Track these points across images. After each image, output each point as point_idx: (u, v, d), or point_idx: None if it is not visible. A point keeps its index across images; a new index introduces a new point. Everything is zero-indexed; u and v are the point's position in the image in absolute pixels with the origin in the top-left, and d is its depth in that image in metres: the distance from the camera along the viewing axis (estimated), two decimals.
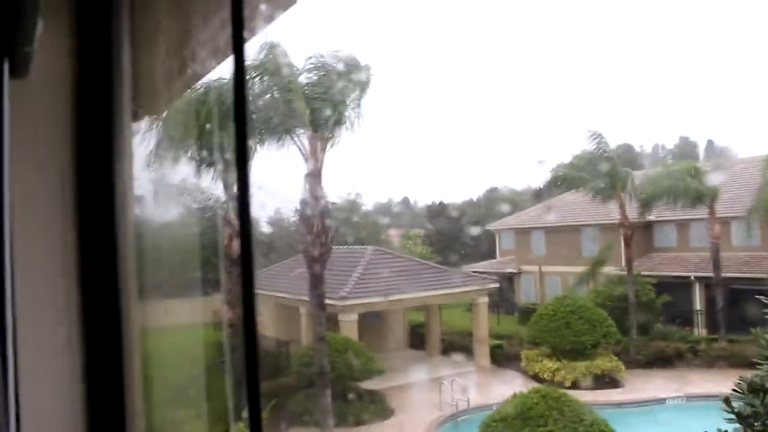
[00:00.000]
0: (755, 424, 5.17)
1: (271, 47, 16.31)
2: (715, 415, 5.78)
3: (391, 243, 56.70)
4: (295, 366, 22.92)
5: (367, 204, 66.86)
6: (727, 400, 5.53)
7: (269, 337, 30.41)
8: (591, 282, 31.98)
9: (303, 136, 16.49)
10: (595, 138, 29.43)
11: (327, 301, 18.43)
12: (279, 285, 31.29)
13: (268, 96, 16.97)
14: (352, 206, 54.55)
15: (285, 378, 24.14)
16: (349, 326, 25.33)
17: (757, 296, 5.80)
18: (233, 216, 19.55)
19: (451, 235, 58.28)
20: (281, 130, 16.53)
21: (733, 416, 5.40)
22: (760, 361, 5.58)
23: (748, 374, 5.77)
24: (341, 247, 33.74)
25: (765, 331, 5.65)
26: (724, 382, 5.75)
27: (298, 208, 16.29)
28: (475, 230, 53.17)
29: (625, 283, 30.33)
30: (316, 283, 15.97)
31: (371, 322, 31.23)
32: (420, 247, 54.95)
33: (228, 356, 21.45)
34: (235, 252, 19.69)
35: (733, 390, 5.60)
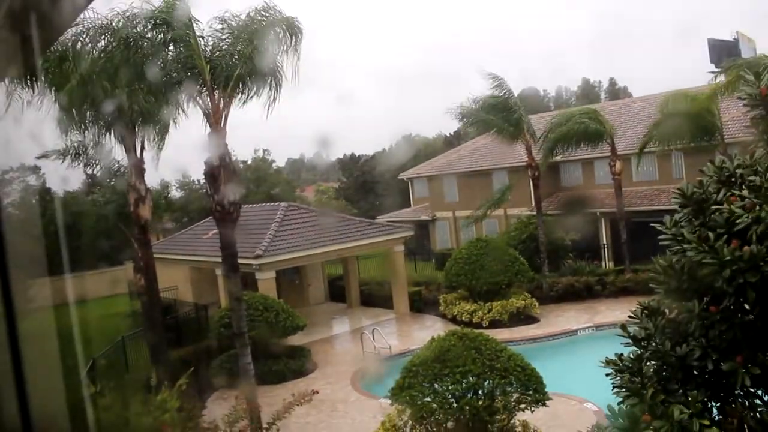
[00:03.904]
0: (649, 345, 5.46)
1: None
2: (621, 341, 6.04)
3: (306, 198, 56.43)
4: (214, 329, 22.71)
5: (279, 160, 66.07)
6: (623, 327, 5.77)
7: (188, 302, 29.97)
8: (483, 221, 32.73)
9: (204, 94, 15.96)
10: (497, 82, 29.80)
11: (242, 261, 18.19)
12: (193, 249, 30.76)
13: (167, 51, 16.33)
14: (263, 164, 53.79)
15: (206, 341, 23.93)
16: (267, 284, 25.18)
17: (652, 225, 6.01)
18: (137, 181, 18.93)
19: (365, 187, 58.36)
20: (180, 87, 15.97)
21: (629, 340, 5.66)
22: (655, 287, 5.82)
23: (647, 300, 6.02)
24: (255, 205, 33.35)
25: (663, 257, 5.88)
26: (630, 310, 6.03)
27: (205, 168, 15.87)
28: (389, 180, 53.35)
29: (535, 223, 31.20)
30: (228, 243, 15.68)
31: (290, 278, 31.17)
32: (334, 201, 54.88)
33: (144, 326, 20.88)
34: (143, 218, 19.15)
35: (629, 317, 5.85)
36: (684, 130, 27.61)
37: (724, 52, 34.25)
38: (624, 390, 5.41)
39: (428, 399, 13.12)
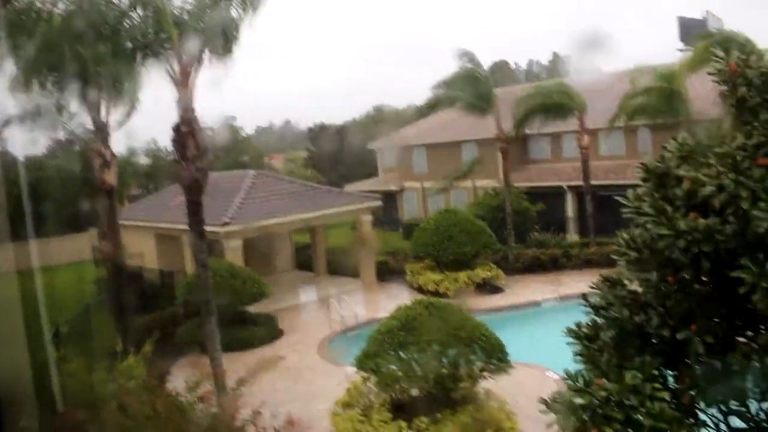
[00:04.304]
0: (608, 314, 5.62)
1: None
2: (584, 311, 6.20)
3: (273, 166, 56.11)
4: (181, 296, 22.64)
5: (247, 128, 65.45)
6: (584, 296, 5.93)
7: (153, 269, 29.78)
8: (451, 192, 32.97)
9: (172, 58, 15.70)
10: (463, 56, 29.81)
11: (209, 228, 18.10)
12: (159, 215, 30.51)
13: (134, 14, 16.03)
14: (232, 131, 53.28)
15: (172, 308, 23.84)
16: (233, 252, 25.12)
17: (616, 198, 6.13)
18: (102, 146, 18.65)
19: (333, 156, 58.17)
20: (148, 51, 15.70)
21: (590, 309, 5.82)
22: (617, 258, 5.95)
23: (609, 272, 6.17)
24: (223, 172, 33.11)
25: (626, 231, 6.02)
26: (592, 281, 6.22)
27: (172, 134, 15.67)
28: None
29: (502, 195, 31.42)
30: (195, 209, 15.56)
31: (257, 246, 31.10)
32: (303, 170, 54.71)
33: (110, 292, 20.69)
34: (108, 184, 18.91)
35: (590, 287, 6.00)
36: (652, 106, 27.94)
37: (693, 30, 34.58)
38: (582, 356, 5.58)
39: (393, 367, 13.29)
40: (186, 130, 15.27)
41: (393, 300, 24.15)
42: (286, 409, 9.50)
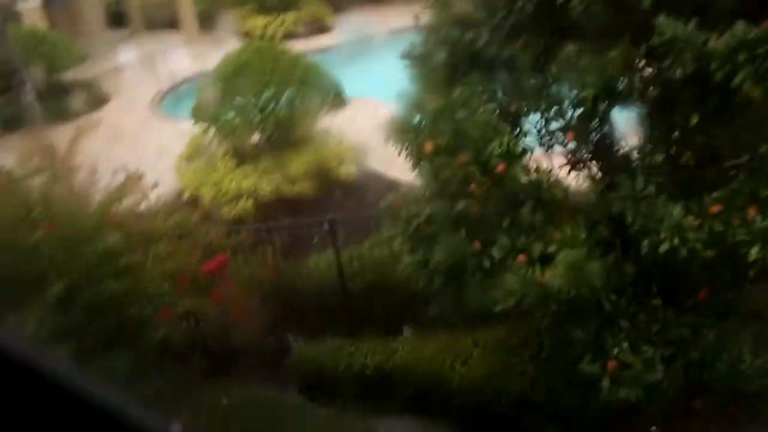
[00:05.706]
0: (439, 34, 5.76)
1: None
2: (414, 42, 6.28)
3: None
4: None
5: None
6: (416, 16, 6.01)
7: None
8: None
9: None
10: None
11: None
12: None
13: None
14: None
15: None
16: (31, 13, 22.60)
17: None
18: None
19: None
20: None
21: (422, 31, 5.96)
22: None
23: None
24: None
25: None
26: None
27: None
28: None
29: None
30: None
31: (60, 6, 28.09)
32: None
33: None
34: None
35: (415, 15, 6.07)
36: None
37: None
38: (416, 78, 5.76)
39: (231, 114, 13.15)
40: None
41: (220, 49, 23.23)
42: (128, 170, 9.23)
